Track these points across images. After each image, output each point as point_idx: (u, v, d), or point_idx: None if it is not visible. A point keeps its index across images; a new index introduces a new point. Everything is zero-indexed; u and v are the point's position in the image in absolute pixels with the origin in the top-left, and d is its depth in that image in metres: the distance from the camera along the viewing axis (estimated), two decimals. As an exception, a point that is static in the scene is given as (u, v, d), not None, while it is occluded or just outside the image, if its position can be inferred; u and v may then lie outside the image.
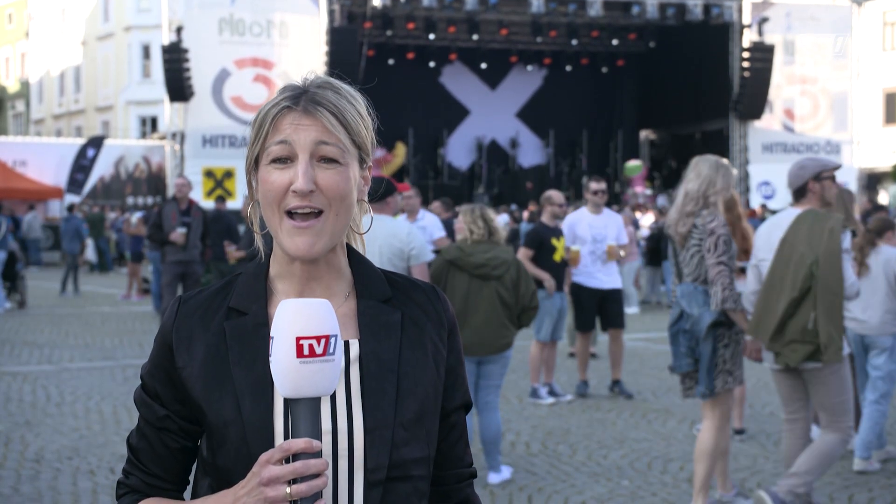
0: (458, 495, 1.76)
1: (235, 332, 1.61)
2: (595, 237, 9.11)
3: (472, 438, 6.59)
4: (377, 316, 1.65)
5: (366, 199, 1.70)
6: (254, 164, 1.64)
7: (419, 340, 1.66)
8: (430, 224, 9.73)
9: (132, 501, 1.69)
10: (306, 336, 1.42)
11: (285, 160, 1.58)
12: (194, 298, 1.68)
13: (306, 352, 1.41)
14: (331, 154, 1.58)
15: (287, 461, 1.42)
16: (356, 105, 1.63)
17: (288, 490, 1.40)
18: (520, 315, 6.38)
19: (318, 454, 1.43)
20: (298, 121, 1.57)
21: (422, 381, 1.63)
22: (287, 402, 1.47)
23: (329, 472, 1.53)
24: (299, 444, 1.41)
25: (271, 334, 1.44)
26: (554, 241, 8.87)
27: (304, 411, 1.44)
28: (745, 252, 6.29)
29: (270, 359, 1.44)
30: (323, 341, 1.42)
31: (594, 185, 9.26)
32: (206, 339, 1.62)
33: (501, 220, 22.05)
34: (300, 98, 1.59)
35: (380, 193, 6.10)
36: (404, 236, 5.90)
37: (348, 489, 1.57)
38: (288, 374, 1.42)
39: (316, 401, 1.44)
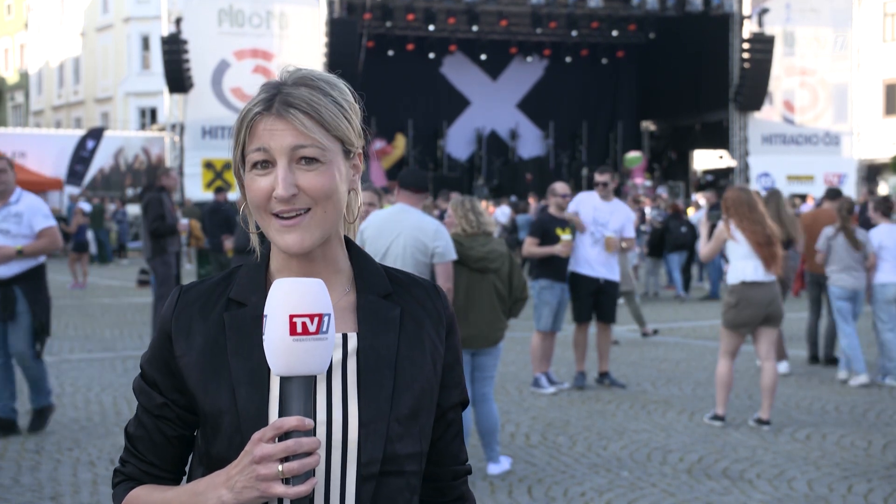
0: (453, 492, 1.77)
1: (234, 323, 1.62)
2: (596, 219, 9.07)
3: (470, 430, 6.60)
4: (376, 310, 1.65)
5: (358, 187, 1.69)
6: (241, 165, 1.63)
7: (417, 337, 1.66)
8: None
9: (127, 489, 1.70)
10: (299, 314, 1.41)
11: (266, 164, 1.57)
12: (195, 289, 1.68)
13: (299, 329, 1.41)
14: (310, 155, 1.56)
15: (280, 440, 1.42)
16: (334, 95, 1.60)
17: (280, 468, 1.40)
18: (511, 306, 6.39)
19: (311, 433, 1.43)
20: (272, 126, 1.55)
21: (418, 378, 1.63)
22: (280, 381, 1.47)
23: (322, 465, 1.54)
24: (291, 421, 1.41)
25: (265, 313, 1.44)
26: (559, 231, 8.85)
27: (296, 390, 1.43)
28: None
29: (264, 337, 1.44)
30: (316, 319, 1.42)
31: (597, 178, 9.26)
32: (205, 329, 1.62)
33: (503, 211, 22.03)
34: (273, 101, 1.57)
35: (416, 186, 6.05)
36: (431, 232, 5.84)
37: (341, 482, 1.56)
38: (281, 352, 1.42)
39: (309, 380, 1.44)
